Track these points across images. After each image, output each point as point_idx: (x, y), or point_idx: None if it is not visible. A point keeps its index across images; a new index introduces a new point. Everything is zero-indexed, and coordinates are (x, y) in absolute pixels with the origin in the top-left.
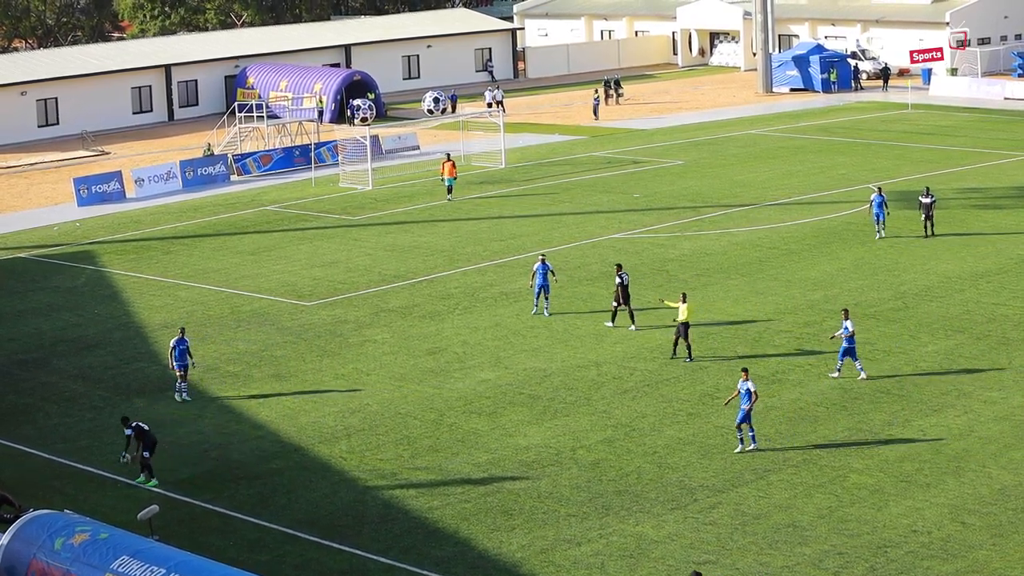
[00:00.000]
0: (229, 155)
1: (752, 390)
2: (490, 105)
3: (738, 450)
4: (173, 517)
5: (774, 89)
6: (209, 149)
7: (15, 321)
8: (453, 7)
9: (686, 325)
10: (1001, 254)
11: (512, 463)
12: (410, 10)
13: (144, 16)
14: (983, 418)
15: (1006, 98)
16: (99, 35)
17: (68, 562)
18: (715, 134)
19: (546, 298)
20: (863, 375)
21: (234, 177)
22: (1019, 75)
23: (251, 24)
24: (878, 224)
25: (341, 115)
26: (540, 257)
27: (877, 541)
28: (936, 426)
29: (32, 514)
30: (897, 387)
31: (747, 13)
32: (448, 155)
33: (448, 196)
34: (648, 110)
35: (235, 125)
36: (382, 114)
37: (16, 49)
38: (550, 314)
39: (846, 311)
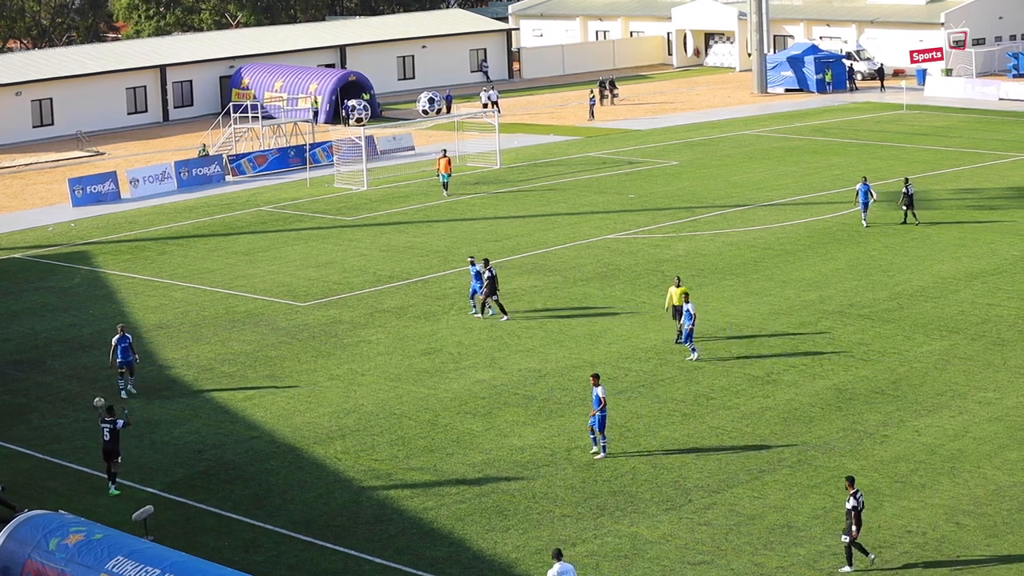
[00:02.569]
0: (224, 156)
1: (602, 396)
2: (485, 106)
3: (595, 451)
4: (168, 518)
5: (769, 90)
6: (204, 150)
7: (10, 321)
8: (448, 8)
9: (680, 308)
10: (996, 255)
11: (507, 464)
12: (405, 11)
13: (139, 17)
14: (978, 419)
15: (1001, 99)
16: (94, 36)
17: (63, 563)
18: (710, 135)
19: (472, 298)
20: (693, 356)
21: (229, 178)
22: (1014, 76)
23: (246, 24)
24: (864, 212)
25: (336, 116)
26: (470, 260)
27: (872, 542)
28: (931, 427)
29: (27, 515)
30: (892, 388)
31: (742, 14)
32: (444, 151)
33: (445, 192)
34: (643, 111)
35: (230, 126)
36: (377, 115)
37: (11, 50)
38: (476, 315)
39: (686, 294)
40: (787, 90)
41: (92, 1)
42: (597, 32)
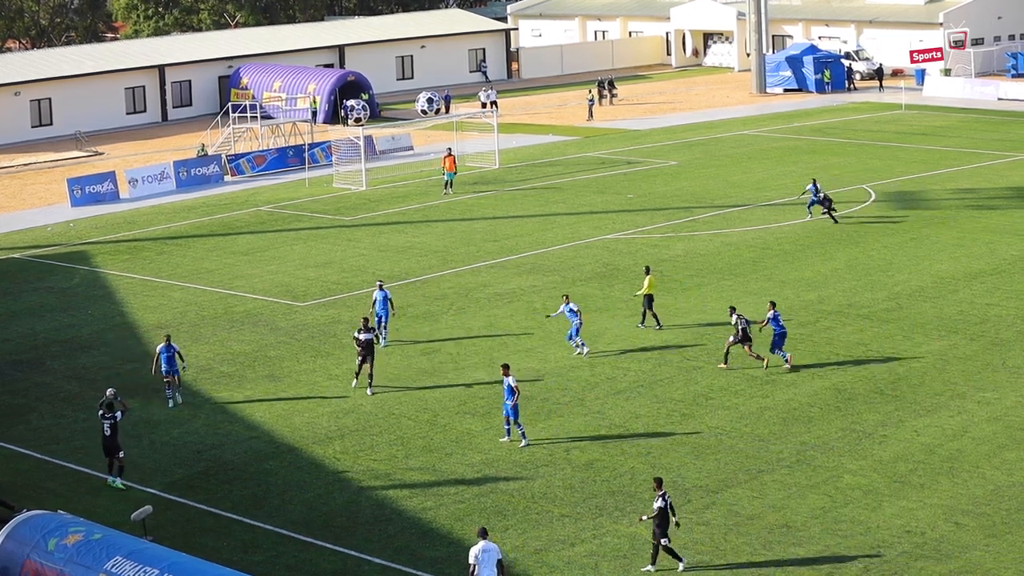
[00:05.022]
0: (223, 155)
1: (513, 386)
2: (484, 105)
3: (504, 440)
4: (167, 518)
5: (768, 90)
6: (203, 150)
7: (9, 321)
8: (447, 8)
9: (649, 297)
10: (995, 255)
11: (506, 463)
12: (404, 11)
13: (138, 17)
14: (977, 419)
15: (1000, 99)
16: (93, 36)
17: (62, 563)
18: (709, 135)
19: (384, 327)
20: (584, 350)
21: (228, 177)
22: (1012, 76)
23: (245, 24)
24: (811, 209)
25: (335, 116)
26: (378, 284)
27: (871, 542)
28: (930, 427)
29: (26, 515)
30: (891, 388)
31: (741, 14)
32: (449, 150)
33: (445, 191)
34: (642, 111)
35: (229, 125)
36: (376, 115)
37: (10, 50)
38: (386, 345)
39: (566, 296)
40: (786, 90)
41: (91, 1)
42: (596, 32)
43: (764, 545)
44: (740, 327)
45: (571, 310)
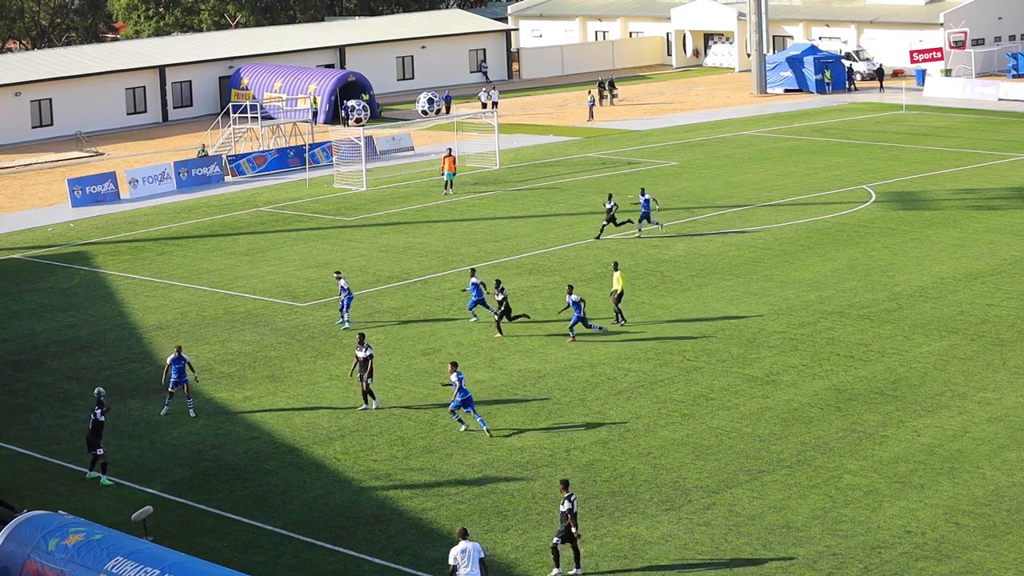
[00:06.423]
0: (223, 156)
1: (455, 381)
2: (485, 106)
3: (463, 429)
4: (167, 518)
5: (768, 90)
6: (204, 150)
7: (9, 322)
8: (447, 8)
9: (620, 294)
10: (995, 255)
11: (506, 464)
12: (404, 11)
13: (138, 17)
14: (977, 419)
15: (1000, 99)
16: (93, 36)
17: (62, 563)
18: (709, 135)
19: (346, 310)
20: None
21: (228, 178)
22: (1013, 76)
23: (245, 25)
24: (644, 221)
25: (335, 116)
26: (336, 274)
27: (871, 542)
28: (930, 427)
29: (26, 515)
30: (891, 388)
31: (741, 14)
32: (449, 150)
33: (446, 191)
34: (642, 111)
35: (229, 126)
36: (376, 115)
37: (10, 50)
38: (349, 327)
39: (473, 270)
40: (786, 90)
41: (91, 1)
42: (596, 32)
43: (765, 545)
44: (500, 299)
45: (473, 284)
